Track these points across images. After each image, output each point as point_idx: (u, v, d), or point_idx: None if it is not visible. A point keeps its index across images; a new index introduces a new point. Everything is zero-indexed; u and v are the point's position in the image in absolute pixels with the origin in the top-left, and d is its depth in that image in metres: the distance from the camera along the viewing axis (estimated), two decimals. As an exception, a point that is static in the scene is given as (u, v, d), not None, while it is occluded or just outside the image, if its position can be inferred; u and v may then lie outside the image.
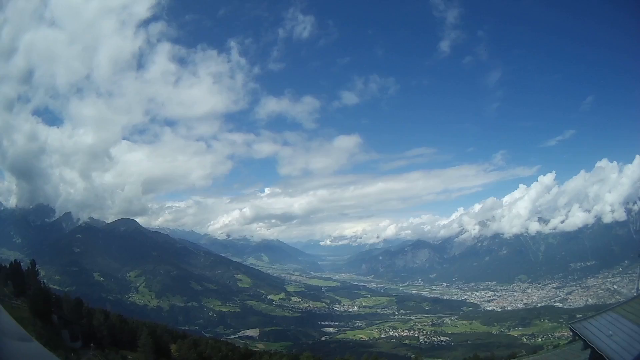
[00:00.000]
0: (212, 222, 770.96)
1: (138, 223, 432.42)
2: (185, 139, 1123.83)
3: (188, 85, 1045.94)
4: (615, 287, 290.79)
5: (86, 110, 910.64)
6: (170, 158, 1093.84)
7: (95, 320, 66.90)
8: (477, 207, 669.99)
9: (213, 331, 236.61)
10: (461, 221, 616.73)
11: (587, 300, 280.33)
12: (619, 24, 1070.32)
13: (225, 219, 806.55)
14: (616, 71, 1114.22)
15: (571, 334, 27.45)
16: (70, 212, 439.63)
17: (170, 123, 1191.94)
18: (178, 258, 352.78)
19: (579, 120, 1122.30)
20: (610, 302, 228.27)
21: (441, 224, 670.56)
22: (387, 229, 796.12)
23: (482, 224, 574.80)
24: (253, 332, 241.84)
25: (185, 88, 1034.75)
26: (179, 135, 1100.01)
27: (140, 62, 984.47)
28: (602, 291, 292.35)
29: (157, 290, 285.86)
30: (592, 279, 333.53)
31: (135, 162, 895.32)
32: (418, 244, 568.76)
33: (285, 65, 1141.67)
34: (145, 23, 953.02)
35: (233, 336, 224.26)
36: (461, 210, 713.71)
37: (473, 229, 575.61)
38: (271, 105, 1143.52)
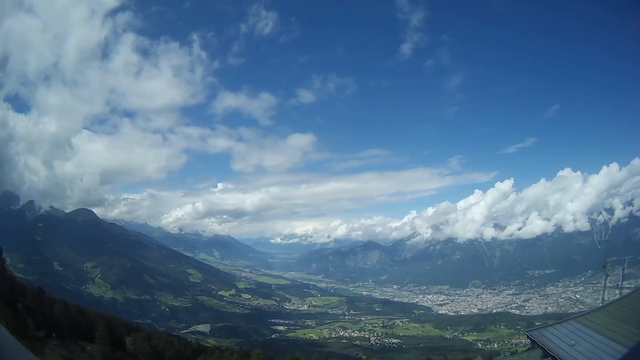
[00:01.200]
0: (165, 216, 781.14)
1: (95, 214, 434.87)
2: (142, 130, 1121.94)
3: (149, 77, 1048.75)
4: (577, 296, 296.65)
5: (52, 99, 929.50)
6: (127, 150, 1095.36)
7: (55, 310, 66.28)
8: (430, 210, 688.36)
9: (166, 325, 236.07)
10: (414, 224, 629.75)
11: (547, 308, 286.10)
12: (590, 37, 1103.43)
13: (178, 212, 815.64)
14: (585, 82, 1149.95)
15: (529, 341, 27.41)
16: (33, 200, 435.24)
17: (130, 114, 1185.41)
18: (132, 251, 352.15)
19: (542, 128, 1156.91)
20: (573, 311, 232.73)
21: (393, 226, 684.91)
22: (338, 229, 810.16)
23: (435, 227, 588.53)
24: (204, 328, 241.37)
25: (145, 80, 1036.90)
26: (137, 127, 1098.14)
27: (105, 51, 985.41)
28: (562, 300, 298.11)
29: (112, 282, 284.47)
30: (551, 287, 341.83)
31: (94, 153, 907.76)
32: (369, 245, 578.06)
33: (245, 61, 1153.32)
34: (113, 13, 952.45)
35: (185, 331, 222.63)
36: (414, 213, 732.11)
37: (425, 232, 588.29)
38: (228, 101, 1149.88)
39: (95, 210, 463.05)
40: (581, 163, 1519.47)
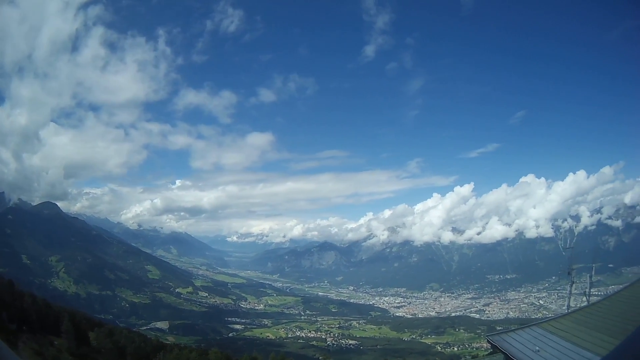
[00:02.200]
0: (125, 211, 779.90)
1: (59, 208, 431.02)
2: (106, 125, 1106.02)
3: (114, 71, 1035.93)
4: (541, 302, 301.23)
5: (24, 91, 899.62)
6: (91, 144, 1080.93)
7: (25, 303, 66.58)
8: (387, 212, 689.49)
9: (126, 321, 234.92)
10: (370, 226, 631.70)
11: (508, 313, 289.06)
12: (560, 47, 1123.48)
13: (137, 208, 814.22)
14: (553, 91, 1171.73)
15: (490, 346, 27.69)
16: (3, 192, 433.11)
17: (95, 108, 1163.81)
18: (93, 245, 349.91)
19: (505, 134, 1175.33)
20: (537, 316, 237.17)
21: (349, 227, 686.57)
22: (294, 228, 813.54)
23: (392, 230, 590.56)
24: (163, 325, 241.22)
25: (111, 74, 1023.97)
26: (100, 121, 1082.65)
27: (75, 44, 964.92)
28: (525, 305, 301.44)
29: (75, 276, 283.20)
30: (512, 292, 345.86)
31: (60, 146, 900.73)
32: (325, 246, 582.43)
33: (208, 58, 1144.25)
34: (86, 5, 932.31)
35: (145, 327, 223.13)
36: (370, 214, 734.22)
37: (382, 235, 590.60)
38: (189, 97, 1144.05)
39: (60, 204, 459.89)
40: (546, 170, 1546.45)
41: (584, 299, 41.89)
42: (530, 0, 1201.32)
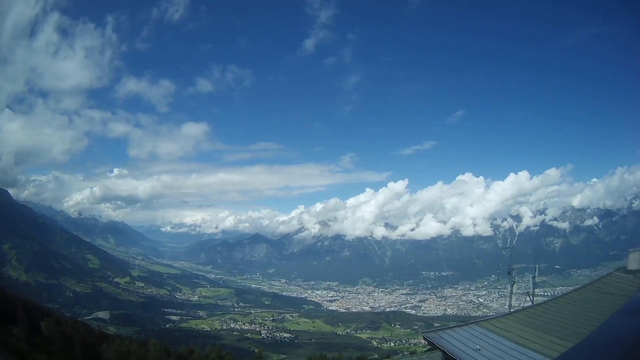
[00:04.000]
0: (67, 199, 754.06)
1: (10, 194, 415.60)
2: (53, 112, 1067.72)
3: (64, 57, 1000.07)
4: (481, 300, 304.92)
5: None
6: (38, 130, 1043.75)
7: None
8: (319, 206, 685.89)
9: (71, 310, 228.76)
10: (301, 219, 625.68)
11: (446, 309, 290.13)
12: (503, 46, 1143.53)
13: (78, 196, 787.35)
14: (494, 91, 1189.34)
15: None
16: None
17: (44, 95, 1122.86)
18: (39, 234, 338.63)
19: (443, 133, 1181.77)
20: (477, 314, 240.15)
21: (280, 220, 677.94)
22: (226, 220, 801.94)
23: (323, 223, 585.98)
24: (104, 315, 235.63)
25: (61, 60, 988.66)
26: (48, 107, 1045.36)
27: (33, 30, 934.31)
28: (463, 303, 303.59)
29: (25, 265, 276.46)
30: (449, 290, 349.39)
31: (13, 132, 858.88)
32: (256, 238, 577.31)
33: (151, 46, 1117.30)
34: None
35: (88, 317, 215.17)
36: (302, 208, 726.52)
37: (313, 228, 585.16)
38: (130, 85, 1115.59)
39: (10, 191, 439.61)
40: (485, 169, 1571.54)
41: (528, 298, 42.41)
42: (475, 1, 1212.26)
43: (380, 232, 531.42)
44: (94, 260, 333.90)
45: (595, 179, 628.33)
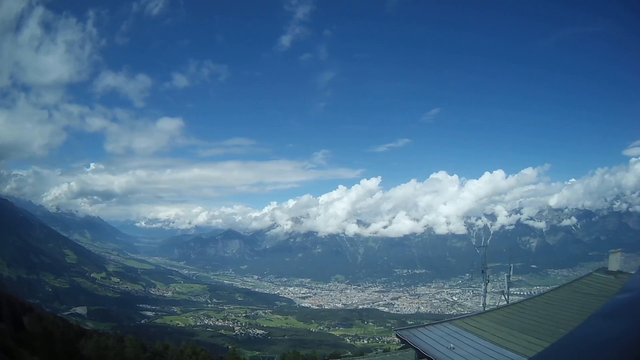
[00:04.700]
0: (45, 194, 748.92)
1: None
2: (34, 106, 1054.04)
3: (46, 51, 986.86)
4: (455, 298, 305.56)
5: None
6: (20, 124, 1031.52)
7: None
8: (291, 202, 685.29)
9: (51, 306, 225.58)
10: (274, 215, 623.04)
11: (419, 307, 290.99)
12: (479, 43, 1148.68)
13: (56, 191, 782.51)
14: (470, 91, 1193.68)
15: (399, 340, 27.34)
16: None
17: (26, 89, 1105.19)
18: (20, 229, 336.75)
19: (417, 130, 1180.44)
20: (451, 312, 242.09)
21: (253, 216, 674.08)
22: (199, 215, 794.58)
23: (296, 220, 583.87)
24: (82, 310, 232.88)
25: (43, 54, 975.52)
26: (29, 102, 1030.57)
27: (18, 24, 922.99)
28: (437, 301, 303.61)
29: (8, 260, 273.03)
30: (423, 287, 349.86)
31: None
32: (229, 234, 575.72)
33: (130, 41, 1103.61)
34: None
35: (66, 313, 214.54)
36: (274, 204, 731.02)
37: (286, 224, 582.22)
38: (108, 80, 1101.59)
39: None
40: (459, 167, 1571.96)
41: (503, 297, 42.37)
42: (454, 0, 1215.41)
43: (352, 229, 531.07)
44: (72, 255, 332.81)
45: (573, 179, 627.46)
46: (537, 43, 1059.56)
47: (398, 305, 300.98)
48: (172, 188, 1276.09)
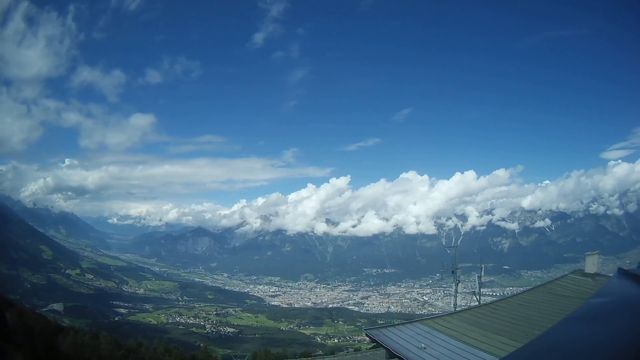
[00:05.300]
0: (23, 189, 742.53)
1: None
2: (14, 100, 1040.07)
3: (28, 45, 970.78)
4: (425, 298, 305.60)
5: None
6: (1, 119, 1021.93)
7: None
8: (260, 200, 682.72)
9: (30, 302, 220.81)
10: (243, 213, 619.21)
11: (389, 307, 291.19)
12: (449, 45, 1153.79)
13: (33, 186, 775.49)
14: (440, 91, 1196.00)
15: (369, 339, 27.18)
16: None
17: (7, 83, 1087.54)
18: (1, 224, 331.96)
19: (388, 130, 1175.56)
20: (422, 312, 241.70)
21: (222, 214, 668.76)
22: (170, 212, 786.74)
23: (265, 218, 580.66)
24: (58, 307, 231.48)
25: (25, 48, 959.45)
26: (10, 96, 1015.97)
27: (4, 18, 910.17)
28: (407, 300, 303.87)
29: None
30: (393, 287, 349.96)
31: None
32: (199, 231, 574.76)
33: (106, 36, 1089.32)
34: None
35: (45, 309, 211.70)
36: (244, 202, 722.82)
37: (255, 222, 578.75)
38: (85, 75, 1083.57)
39: None
40: (430, 168, 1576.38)
41: (475, 298, 42.39)
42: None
43: (321, 227, 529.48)
44: (48, 251, 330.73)
45: (547, 181, 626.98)
46: (513, 43, 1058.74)
47: (368, 304, 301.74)
48: (144, 184, 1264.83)
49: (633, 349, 2.84)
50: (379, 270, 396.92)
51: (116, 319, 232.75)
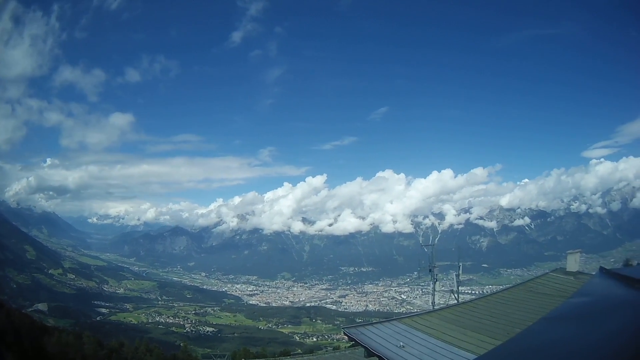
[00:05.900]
0: (8, 189, 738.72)
1: None
2: None
3: (13, 45, 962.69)
4: (403, 296, 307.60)
5: None
6: None
7: None
8: (237, 199, 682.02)
9: (17, 302, 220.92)
10: (220, 212, 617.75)
11: (367, 305, 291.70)
12: (427, 43, 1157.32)
13: (17, 186, 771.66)
14: (417, 90, 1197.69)
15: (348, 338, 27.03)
16: None
17: None
18: None
19: (364, 129, 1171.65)
20: (400, 310, 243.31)
21: (199, 213, 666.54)
22: (148, 212, 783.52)
23: (242, 217, 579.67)
24: (43, 307, 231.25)
25: (10, 48, 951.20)
26: None
27: None
28: (385, 299, 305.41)
29: None
30: (370, 285, 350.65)
31: None
32: (176, 231, 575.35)
33: (88, 35, 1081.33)
34: None
35: (30, 309, 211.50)
36: (220, 200, 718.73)
37: (232, 221, 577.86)
38: (66, 74, 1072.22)
39: None
40: (406, 166, 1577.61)
41: (453, 296, 42.30)
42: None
43: (298, 226, 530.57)
44: (31, 251, 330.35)
45: (526, 180, 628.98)
46: (491, 41, 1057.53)
47: (346, 303, 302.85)
48: (122, 184, 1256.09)
49: (612, 348, 3.45)
50: (356, 268, 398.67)
51: (98, 318, 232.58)
